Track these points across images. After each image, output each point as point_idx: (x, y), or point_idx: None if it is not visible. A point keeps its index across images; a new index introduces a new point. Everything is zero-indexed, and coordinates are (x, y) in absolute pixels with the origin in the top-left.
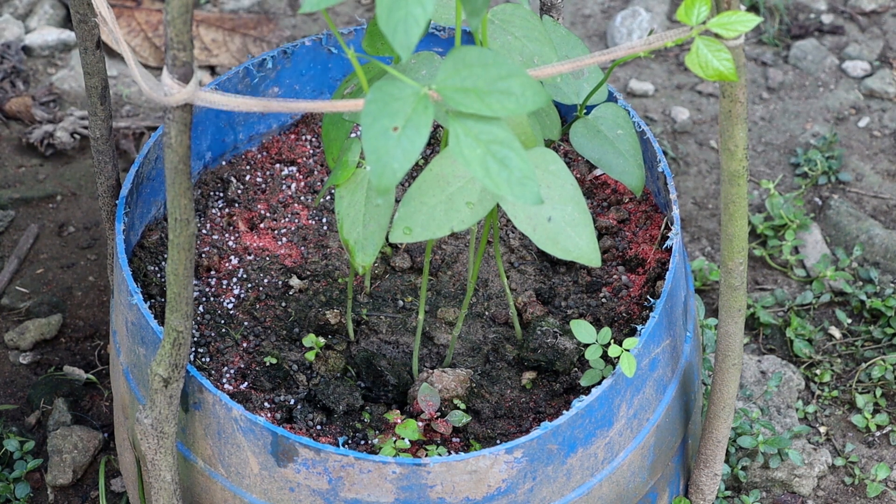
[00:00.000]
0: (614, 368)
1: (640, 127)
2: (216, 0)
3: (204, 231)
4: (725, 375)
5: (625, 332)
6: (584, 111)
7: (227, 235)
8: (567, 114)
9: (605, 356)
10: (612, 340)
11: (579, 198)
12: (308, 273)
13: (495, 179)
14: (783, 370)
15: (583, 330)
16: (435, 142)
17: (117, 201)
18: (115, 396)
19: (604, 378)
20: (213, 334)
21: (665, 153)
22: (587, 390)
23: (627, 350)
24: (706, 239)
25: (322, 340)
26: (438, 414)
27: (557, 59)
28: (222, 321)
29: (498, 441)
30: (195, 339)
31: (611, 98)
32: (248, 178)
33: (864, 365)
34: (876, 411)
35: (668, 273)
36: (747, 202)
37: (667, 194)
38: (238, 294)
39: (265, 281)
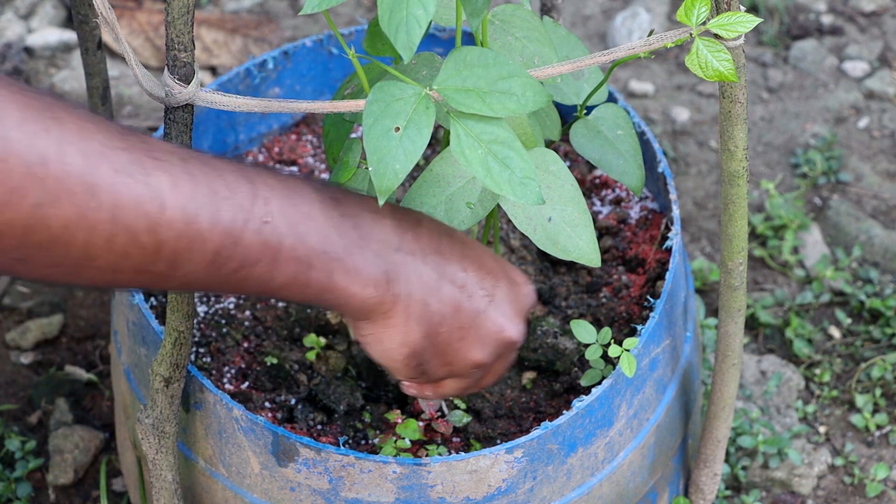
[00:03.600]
0: (615, 368)
1: (640, 127)
2: (217, 1)
3: None
4: (725, 375)
5: (625, 332)
6: (585, 112)
7: None
8: (567, 114)
9: (605, 356)
10: (612, 340)
11: (579, 198)
12: None
13: (497, 180)
14: (783, 370)
15: (583, 330)
16: (436, 143)
17: None
18: (116, 396)
19: (604, 378)
20: (213, 334)
21: (665, 153)
22: (587, 390)
23: (627, 350)
24: (706, 239)
25: (323, 340)
26: (439, 414)
27: (558, 60)
28: (223, 321)
29: (498, 441)
30: (196, 338)
31: (611, 98)
32: None
33: (863, 365)
34: (875, 411)
35: (668, 273)
36: (747, 202)
37: (667, 195)
38: None
39: None
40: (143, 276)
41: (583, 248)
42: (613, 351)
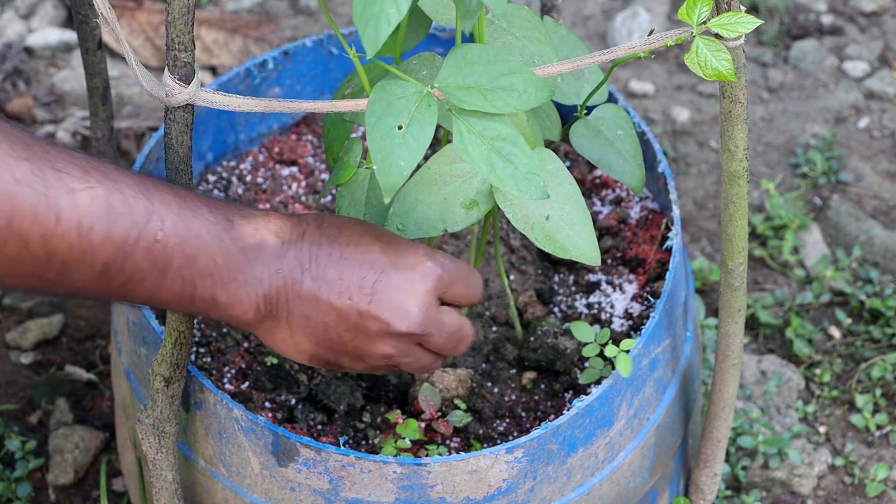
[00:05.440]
0: (614, 368)
1: (640, 127)
2: (217, 1)
3: None
4: (725, 375)
5: (625, 331)
6: (585, 112)
7: None
8: (567, 114)
9: (603, 356)
10: (611, 340)
11: (578, 197)
12: None
13: (500, 176)
14: (783, 370)
15: (582, 330)
16: (436, 143)
17: None
18: (116, 396)
19: (602, 377)
20: (214, 334)
21: (665, 153)
22: (587, 390)
23: (625, 351)
24: (706, 239)
25: None
26: (439, 414)
27: (558, 60)
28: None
29: (498, 441)
30: (196, 339)
31: (611, 99)
32: (249, 178)
33: (863, 365)
34: (875, 411)
35: (668, 273)
36: (747, 203)
37: (667, 195)
38: None
39: None
40: (33, 281)
41: (582, 246)
42: (610, 351)
